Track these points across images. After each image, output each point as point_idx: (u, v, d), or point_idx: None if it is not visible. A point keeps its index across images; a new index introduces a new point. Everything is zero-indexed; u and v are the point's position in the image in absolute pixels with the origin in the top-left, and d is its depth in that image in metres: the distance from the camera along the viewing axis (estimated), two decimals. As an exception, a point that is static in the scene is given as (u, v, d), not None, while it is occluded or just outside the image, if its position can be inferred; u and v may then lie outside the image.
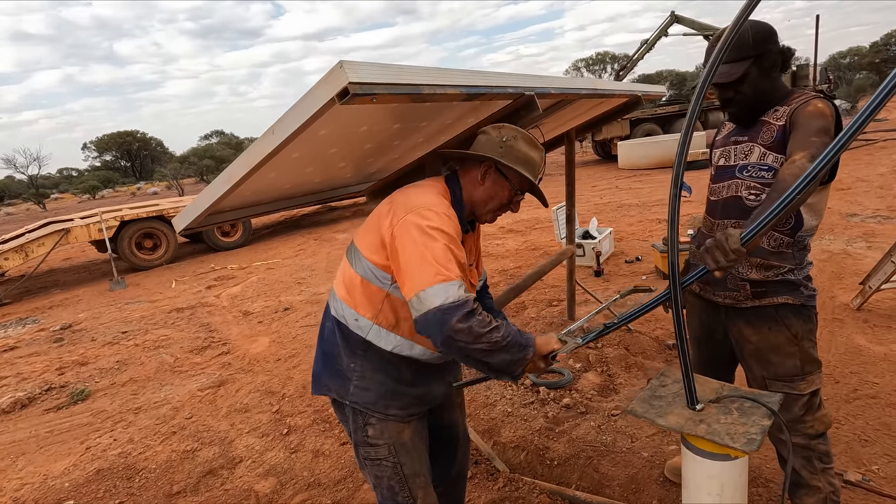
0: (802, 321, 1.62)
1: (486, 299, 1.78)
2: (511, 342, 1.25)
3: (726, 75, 1.55)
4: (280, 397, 3.50)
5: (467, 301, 1.21)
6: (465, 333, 1.19)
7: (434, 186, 1.45)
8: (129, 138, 62.36)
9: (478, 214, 1.51)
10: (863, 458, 2.24)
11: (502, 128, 1.46)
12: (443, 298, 1.19)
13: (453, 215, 1.35)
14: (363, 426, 1.45)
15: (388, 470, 1.46)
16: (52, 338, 5.49)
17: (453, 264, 1.24)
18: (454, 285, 1.21)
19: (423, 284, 1.21)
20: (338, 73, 1.10)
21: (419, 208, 1.30)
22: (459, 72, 1.44)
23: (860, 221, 5.96)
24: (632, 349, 3.47)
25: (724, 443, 1.13)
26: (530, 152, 1.46)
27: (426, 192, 1.39)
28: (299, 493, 2.48)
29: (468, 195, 1.48)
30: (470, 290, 1.31)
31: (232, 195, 1.67)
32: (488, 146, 1.44)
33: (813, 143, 1.37)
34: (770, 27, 1.54)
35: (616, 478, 2.27)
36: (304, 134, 1.31)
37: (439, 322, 1.18)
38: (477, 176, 1.46)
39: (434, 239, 1.25)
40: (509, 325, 1.30)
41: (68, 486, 2.75)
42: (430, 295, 1.20)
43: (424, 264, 1.22)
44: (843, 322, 3.54)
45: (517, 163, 1.43)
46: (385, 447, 1.45)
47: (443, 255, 1.23)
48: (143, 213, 8.87)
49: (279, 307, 5.64)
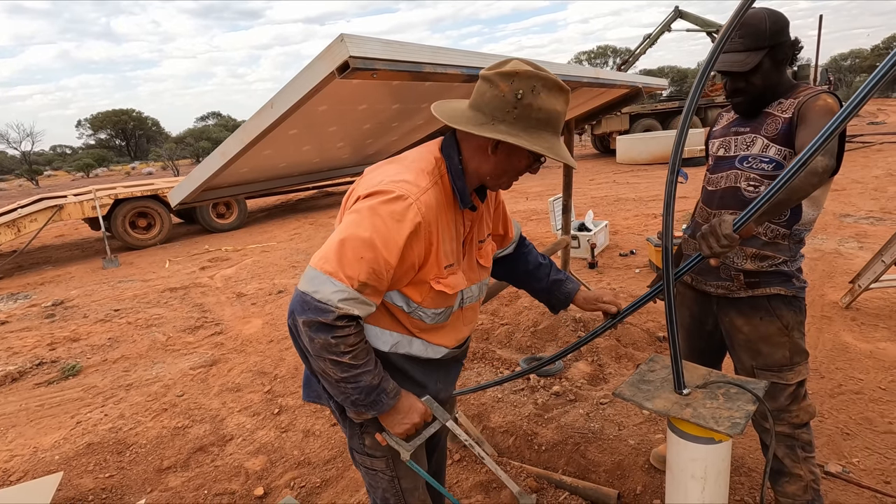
0: (794, 312, 1.64)
1: (529, 252, 1.57)
2: (351, 383, 1.10)
3: (741, 64, 1.51)
4: (272, 378, 3.51)
5: (331, 311, 1.02)
6: (305, 335, 1.06)
7: (423, 156, 1.19)
8: (125, 117, 61.65)
9: (489, 185, 1.24)
10: (844, 451, 2.28)
11: (516, 76, 1.07)
12: (310, 287, 1.04)
13: (428, 200, 1.10)
14: (360, 434, 1.29)
15: (384, 482, 1.33)
16: (43, 314, 5.46)
17: (362, 267, 1.03)
18: (333, 286, 1.03)
19: (315, 261, 1.06)
20: (338, 46, 1.09)
21: (383, 186, 1.08)
22: (461, 52, 1.44)
23: (853, 222, 6.01)
24: (622, 340, 3.51)
25: (709, 426, 1.15)
26: (555, 104, 1.10)
27: (404, 167, 1.14)
28: (289, 472, 2.50)
29: (475, 167, 1.18)
30: (439, 287, 1.16)
31: (228, 171, 1.67)
32: (496, 106, 1.09)
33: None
34: (785, 18, 1.52)
35: (602, 464, 2.30)
36: (302, 109, 1.31)
37: (293, 304, 1.06)
38: (484, 145, 1.15)
39: (364, 227, 1.04)
40: (370, 372, 1.11)
41: (58, 458, 2.76)
42: (307, 276, 1.06)
43: (333, 245, 1.05)
44: (832, 319, 3.58)
45: (538, 127, 1.10)
46: (382, 460, 1.30)
47: (357, 248, 1.04)
48: (137, 192, 8.79)
49: (273, 290, 5.64)
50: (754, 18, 1.50)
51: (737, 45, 1.52)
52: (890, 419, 2.47)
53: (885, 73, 0.91)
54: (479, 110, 1.11)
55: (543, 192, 10.04)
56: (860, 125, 18.16)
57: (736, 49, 1.52)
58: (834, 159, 1.36)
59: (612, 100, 3.33)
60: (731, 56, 1.53)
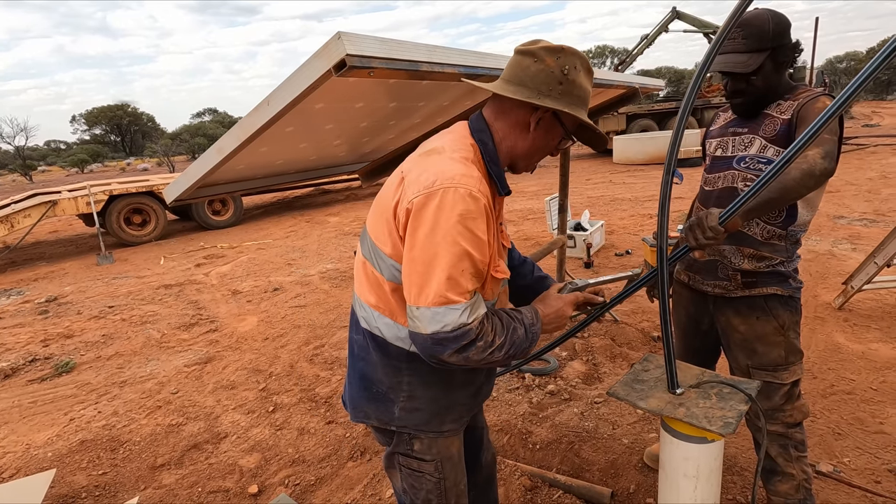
0: (790, 312, 1.66)
1: (512, 248, 1.55)
2: (514, 352, 1.09)
3: (744, 65, 1.50)
4: (267, 375, 3.51)
5: (468, 330, 1.01)
6: (458, 363, 1.05)
7: (459, 145, 1.11)
8: (120, 112, 61.22)
9: (519, 166, 1.21)
10: (835, 451, 2.30)
11: (562, 52, 1.07)
12: (438, 326, 1.00)
13: (485, 191, 1.05)
14: (408, 440, 1.27)
15: (430, 484, 1.29)
16: (36, 310, 5.43)
17: (467, 277, 1.01)
18: (456, 311, 1.00)
19: (420, 300, 1.01)
20: (335, 44, 1.09)
21: (440, 185, 1.00)
22: (458, 51, 1.43)
23: (847, 224, 6.05)
24: (617, 340, 3.52)
25: (702, 425, 1.16)
26: (588, 85, 1.13)
27: (449, 159, 1.06)
28: (283, 469, 2.50)
29: (510, 146, 1.15)
30: (498, 275, 1.14)
31: (224, 168, 1.66)
32: (542, 80, 1.07)
33: (826, 140, 1.36)
34: (788, 20, 1.51)
35: (596, 463, 2.31)
36: (299, 107, 1.31)
37: (428, 351, 1.03)
38: (525, 121, 1.12)
39: (452, 241, 0.99)
40: (515, 330, 1.10)
41: (51, 455, 2.74)
42: (425, 318, 1.01)
43: (430, 273, 0.99)
44: (825, 320, 3.61)
45: (578, 104, 1.11)
46: (431, 463, 1.27)
47: (457, 265, 0.99)
48: (132, 188, 8.74)
49: (269, 287, 5.63)
50: (758, 20, 1.49)
51: (739, 45, 1.51)
52: (881, 419, 2.49)
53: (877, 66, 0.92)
54: (523, 85, 1.08)
55: (540, 192, 10.05)
56: (855, 127, 18.27)
57: (738, 50, 1.51)
58: (834, 163, 1.36)
59: (609, 100, 3.33)
60: (733, 57, 1.52)
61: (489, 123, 1.15)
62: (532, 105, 1.09)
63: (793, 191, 1.29)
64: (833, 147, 1.36)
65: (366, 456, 2.54)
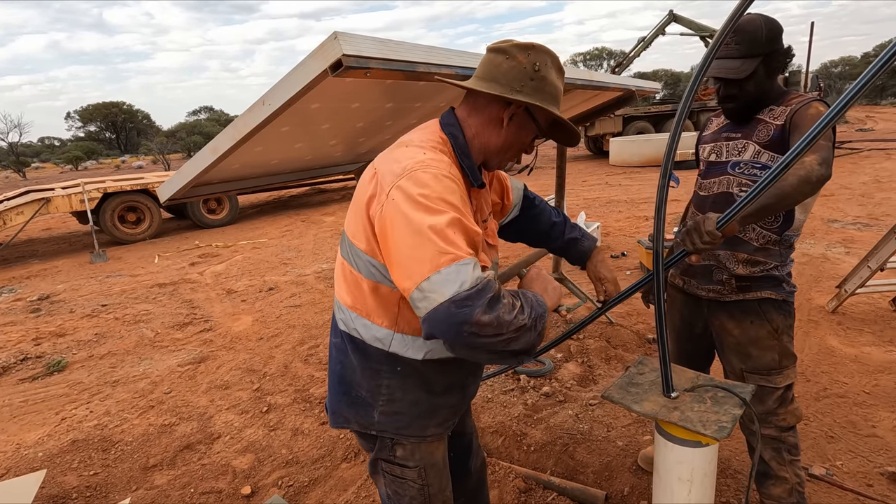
0: (783, 316, 1.66)
1: (540, 212, 1.56)
2: (536, 315, 0.98)
3: (736, 71, 1.50)
4: (261, 376, 3.49)
5: (488, 283, 0.92)
6: (493, 327, 0.91)
7: (427, 137, 1.12)
8: (115, 109, 60.89)
9: (491, 163, 1.21)
10: (828, 454, 2.31)
11: (532, 49, 1.09)
12: (457, 285, 0.89)
13: (457, 175, 1.05)
14: (391, 446, 1.24)
15: (413, 490, 1.26)
16: (28, 308, 5.38)
17: (462, 240, 0.94)
18: (468, 265, 0.91)
19: (424, 271, 0.91)
20: (332, 44, 1.09)
21: (410, 172, 0.99)
22: (455, 52, 1.43)
23: (840, 227, 6.09)
24: (612, 342, 3.52)
25: (696, 429, 1.16)
26: (559, 82, 1.14)
27: (417, 149, 1.07)
28: (277, 470, 2.49)
29: (483, 142, 1.15)
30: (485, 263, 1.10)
31: (219, 167, 1.65)
32: (514, 77, 1.08)
33: (822, 146, 1.36)
34: (780, 26, 1.52)
35: (590, 465, 2.31)
36: (294, 107, 1.30)
37: (456, 319, 0.89)
38: (498, 117, 1.13)
39: (435, 210, 0.94)
40: (524, 293, 1.03)
41: (42, 455, 2.72)
42: (438, 283, 0.90)
43: (423, 244, 0.92)
44: (818, 323, 3.63)
45: (551, 101, 1.12)
46: (414, 470, 1.24)
47: (448, 229, 0.93)
48: (127, 186, 8.69)
49: (263, 287, 5.60)
50: (751, 25, 1.49)
51: (732, 51, 1.51)
52: (873, 423, 2.50)
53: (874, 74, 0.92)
54: (495, 81, 1.09)
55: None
56: (849, 132, 18.40)
57: (731, 55, 1.52)
58: (831, 169, 1.36)
59: (605, 102, 3.34)
60: (726, 62, 1.52)
61: (462, 120, 1.16)
62: (505, 100, 1.10)
63: (790, 197, 1.30)
64: (829, 153, 1.36)
65: (360, 457, 2.53)
